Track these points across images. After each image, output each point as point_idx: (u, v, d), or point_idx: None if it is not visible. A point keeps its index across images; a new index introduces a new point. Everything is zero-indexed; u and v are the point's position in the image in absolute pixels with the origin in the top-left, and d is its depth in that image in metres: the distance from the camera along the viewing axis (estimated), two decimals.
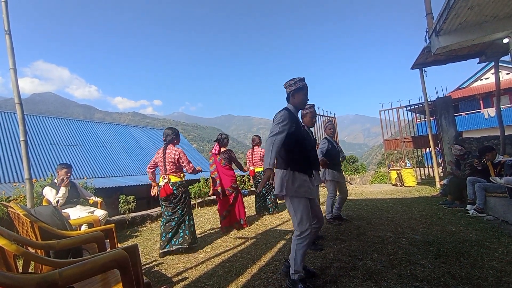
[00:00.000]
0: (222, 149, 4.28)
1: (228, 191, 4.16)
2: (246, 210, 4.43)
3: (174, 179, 3.36)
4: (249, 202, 6.53)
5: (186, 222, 3.36)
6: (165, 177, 3.32)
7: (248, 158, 5.36)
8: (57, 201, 3.39)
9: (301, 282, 2.03)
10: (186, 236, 3.28)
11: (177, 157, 3.32)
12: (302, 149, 2.24)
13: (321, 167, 3.77)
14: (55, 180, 3.63)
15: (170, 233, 3.25)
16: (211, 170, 4.24)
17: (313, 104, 3.26)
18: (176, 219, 3.31)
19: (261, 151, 5.19)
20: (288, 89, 2.29)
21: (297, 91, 2.27)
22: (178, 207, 3.35)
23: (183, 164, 3.37)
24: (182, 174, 3.46)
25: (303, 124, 3.00)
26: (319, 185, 4.38)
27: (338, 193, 4.12)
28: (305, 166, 2.20)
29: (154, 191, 3.49)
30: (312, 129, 3.67)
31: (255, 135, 5.44)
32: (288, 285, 2.09)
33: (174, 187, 3.32)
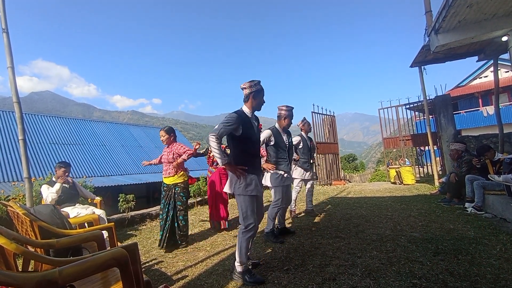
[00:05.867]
0: None
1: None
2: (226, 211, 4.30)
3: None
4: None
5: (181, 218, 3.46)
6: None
7: None
8: (49, 197, 3.29)
9: (247, 273, 2.21)
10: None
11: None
12: (251, 150, 2.35)
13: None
14: (53, 179, 3.62)
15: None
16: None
17: (292, 107, 3.41)
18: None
19: None
20: (248, 90, 2.34)
21: (258, 93, 2.35)
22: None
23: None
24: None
25: (279, 127, 3.35)
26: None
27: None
28: (253, 166, 2.32)
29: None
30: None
31: None
32: (235, 278, 2.25)
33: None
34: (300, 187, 4.48)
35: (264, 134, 3.24)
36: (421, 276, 2.08)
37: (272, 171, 3.23)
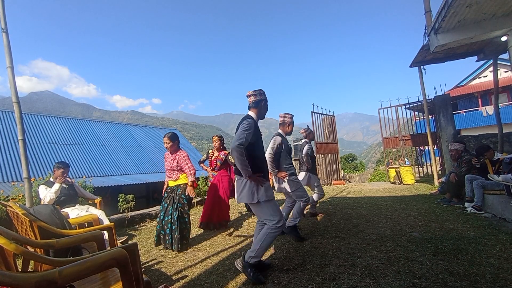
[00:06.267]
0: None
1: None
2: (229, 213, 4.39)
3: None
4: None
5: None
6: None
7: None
8: (47, 197, 3.26)
9: (253, 267, 2.24)
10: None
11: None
12: (263, 156, 2.47)
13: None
14: (51, 179, 3.61)
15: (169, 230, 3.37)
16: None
17: (293, 115, 3.52)
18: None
19: None
20: (259, 97, 2.42)
21: (266, 102, 2.47)
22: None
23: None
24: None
25: (283, 133, 3.41)
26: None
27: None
28: (265, 172, 2.40)
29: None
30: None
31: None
32: (241, 267, 2.28)
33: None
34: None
35: (277, 141, 3.24)
36: (421, 276, 2.08)
37: (286, 179, 3.28)
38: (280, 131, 3.46)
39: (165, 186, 3.64)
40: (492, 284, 1.89)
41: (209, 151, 4.58)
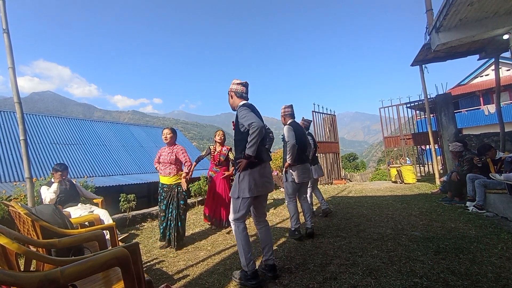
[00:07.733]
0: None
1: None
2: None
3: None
4: None
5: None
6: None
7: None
8: (48, 197, 3.30)
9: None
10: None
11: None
12: None
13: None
14: (52, 180, 3.63)
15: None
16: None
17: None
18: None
19: None
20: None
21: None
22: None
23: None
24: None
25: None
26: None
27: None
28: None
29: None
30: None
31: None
32: None
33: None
34: None
35: None
36: (422, 275, 2.08)
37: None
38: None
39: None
40: (494, 283, 1.89)
41: (210, 147, 4.51)
